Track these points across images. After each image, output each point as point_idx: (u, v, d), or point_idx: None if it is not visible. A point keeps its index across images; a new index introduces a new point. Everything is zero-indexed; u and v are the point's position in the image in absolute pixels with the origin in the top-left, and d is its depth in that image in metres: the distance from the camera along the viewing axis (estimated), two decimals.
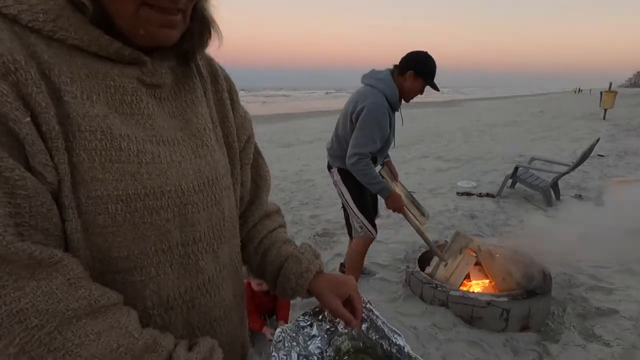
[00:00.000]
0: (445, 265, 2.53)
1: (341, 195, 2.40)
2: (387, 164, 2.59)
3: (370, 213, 2.42)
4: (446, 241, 2.94)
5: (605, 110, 13.68)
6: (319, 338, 0.79)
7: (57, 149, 0.43)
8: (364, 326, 0.82)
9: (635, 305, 2.30)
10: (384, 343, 0.78)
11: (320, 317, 0.86)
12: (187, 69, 0.59)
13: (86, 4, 0.44)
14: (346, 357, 0.87)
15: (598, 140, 4.67)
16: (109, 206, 0.45)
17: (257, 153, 0.77)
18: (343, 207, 2.56)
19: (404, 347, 0.73)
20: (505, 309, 2.15)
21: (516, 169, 4.70)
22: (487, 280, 2.47)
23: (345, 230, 3.71)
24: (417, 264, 2.68)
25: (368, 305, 0.83)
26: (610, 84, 14.20)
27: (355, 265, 2.49)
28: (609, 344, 2.02)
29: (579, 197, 4.74)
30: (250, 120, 0.73)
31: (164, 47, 0.53)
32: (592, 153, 4.66)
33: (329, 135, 2.56)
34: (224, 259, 0.62)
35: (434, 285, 2.39)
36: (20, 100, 0.40)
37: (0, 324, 0.37)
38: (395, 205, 2.28)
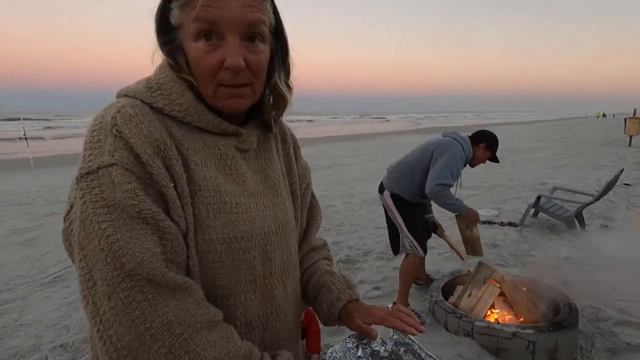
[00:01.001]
0: (470, 295, 2.57)
1: (394, 218, 2.72)
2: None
3: (421, 235, 2.71)
4: (469, 271, 2.98)
5: (631, 137, 13.40)
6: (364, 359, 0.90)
7: (186, 204, 0.58)
8: (401, 349, 0.93)
9: None
10: None
11: (364, 340, 0.97)
12: (270, 133, 0.75)
13: (192, 93, 0.62)
14: None
15: (622, 170, 4.64)
16: (217, 246, 0.60)
17: (313, 197, 0.91)
18: (389, 228, 2.87)
19: None
20: (532, 341, 2.16)
21: (538, 198, 4.70)
22: (512, 312, 2.48)
23: (368, 258, 3.79)
24: (440, 293, 2.72)
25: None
26: (635, 110, 13.97)
27: (407, 276, 2.77)
28: None
29: (605, 227, 4.66)
30: (309, 170, 0.88)
31: (250, 119, 0.70)
32: (617, 182, 4.62)
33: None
34: (290, 289, 0.75)
35: (459, 315, 2.42)
36: (167, 171, 0.56)
37: (156, 331, 0.51)
38: (472, 219, 2.72)
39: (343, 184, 7.89)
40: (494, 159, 2.78)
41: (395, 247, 2.84)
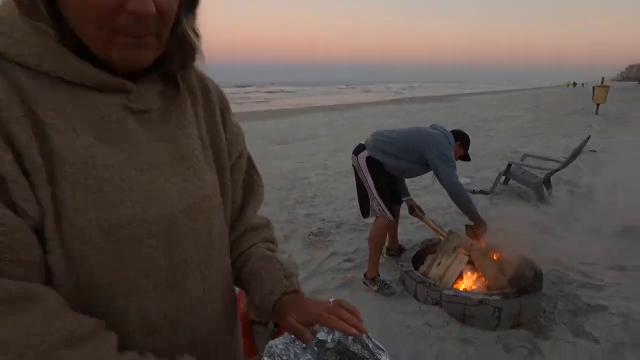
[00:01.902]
0: (439, 265, 2.57)
1: (364, 179, 2.72)
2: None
3: (389, 198, 2.71)
4: (440, 239, 2.98)
5: (598, 105, 13.80)
6: (309, 352, 0.81)
7: (40, 183, 0.43)
8: (349, 339, 0.84)
9: (624, 301, 2.35)
10: (369, 357, 0.80)
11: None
12: (178, 90, 0.59)
13: (49, 32, 0.45)
14: None
15: (589, 137, 4.73)
16: (92, 235, 0.46)
17: (251, 167, 0.77)
18: (358, 192, 2.86)
19: None
20: (498, 307, 2.19)
21: (509, 165, 4.75)
22: (480, 279, 2.50)
23: (341, 230, 3.75)
24: (410, 263, 2.71)
25: None
26: (603, 78, 14.31)
27: (376, 242, 2.74)
28: (597, 340, 2.06)
29: (571, 193, 4.79)
30: (242, 135, 0.73)
31: (150, 72, 0.54)
32: (584, 149, 4.71)
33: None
34: (214, 279, 0.62)
35: (428, 284, 2.42)
36: (3, 139, 0.41)
37: None
38: (482, 229, 2.69)
39: (317, 156, 7.77)
40: (466, 157, 2.94)
41: (365, 210, 2.82)
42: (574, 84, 53.19)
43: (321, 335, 0.81)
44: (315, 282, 2.82)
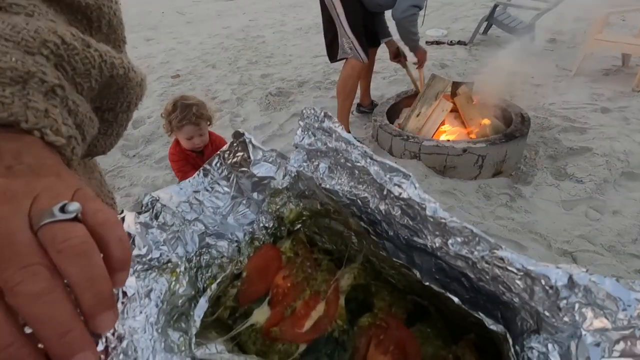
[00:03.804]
0: (418, 115, 2.22)
1: (332, 9, 2.16)
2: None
3: (362, 36, 2.19)
4: (417, 91, 2.59)
5: None
6: (244, 205, 0.42)
7: None
8: (321, 167, 0.46)
9: (608, 141, 2.20)
10: (368, 197, 0.42)
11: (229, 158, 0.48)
12: None
13: None
14: (299, 225, 0.52)
15: None
16: None
17: None
18: (325, 30, 2.33)
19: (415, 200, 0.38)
20: (482, 155, 1.96)
21: (494, 7, 4.13)
22: (463, 128, 2.22)
23: (304, 89, 3.24)
24: (385, 117, 2.35)
25: (327, 122, 0.46)
26: None
27: (345, 90, 2.30)
28: (581, 180, 1.94)
29: (553, 41, 4.39)
30: None
31: None
32: None
33: None
34: None
35: (405, 137, 2.10)
36: None
37: None
38: (424, 56, 2.45)
39: (273, 11, 6.58)
40: None
41: (333, 51, 2.30)
42: None
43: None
44: (276, 144, 2.45)
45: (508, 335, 0.31)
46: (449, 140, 2.10)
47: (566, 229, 1.70)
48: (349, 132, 2.40)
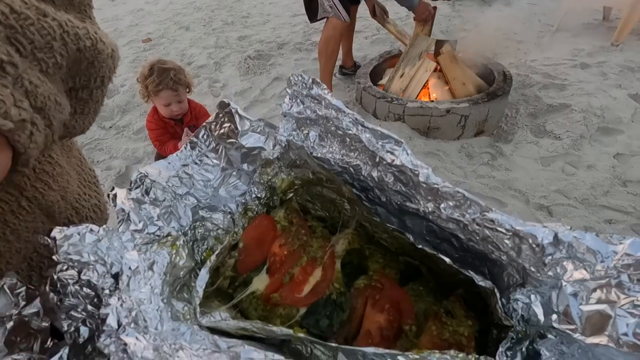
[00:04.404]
0: (402, 76, 2.19)
1: None
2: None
3: None
4: (400, 51, 2.54)
5: None
6: (234, 177, 0.42)
7: None
8: (312, 136, 0.45)
9: (586, 97, 2.24)
10: (360, 164, 0.43)
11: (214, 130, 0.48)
12: None
13: None
14: (291, 194, 0.53)
15: None
16: None
17: None
18: None
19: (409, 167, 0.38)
20: (464, 116, 1.97)
21: None
22: (447, 88, 2.21)
23: (284, 52, 3.12)
24: (368, 78, 2.31)
25: (316, 89, 0.45)
26: None
27: (327, 52, 2.22)
28: (559, 137, 2.00)
29: None
30: None
31: None
32: None
33: None
34: None
35: (389, 99, 2.09)
36: None
37: None
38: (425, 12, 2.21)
39: None
40: None
41: (312, 11, 2.21)
42: None
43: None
44: (259, 111, 2.39)
45: (496, 290, 0.34)
46: (432, 101, 2.10)
47: (543, 185, 1.77)
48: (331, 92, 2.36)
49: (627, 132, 1.99)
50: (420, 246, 0.37)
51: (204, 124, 0.53)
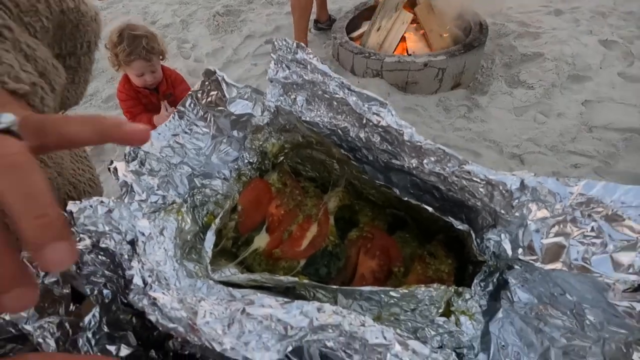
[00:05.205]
0: (379, 29, 2.15)
1: None
2: None
3: None
4: (377, 1, 2.46)
5: None
6: (225, 144, 0.44)
7: None
8: (299, 99, 0.47)
9: (559, 45, 2.28)
10: (348, 126, 0.45)
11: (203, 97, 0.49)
12: None
13: None
14: (282, 158, 0.55)
15: None
16: None
17: None
18: None
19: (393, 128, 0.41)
20: (442, 69, 1.99)
21: None
22: (424, 40, 2.20)
23: (254, 6, 2.97)
24: (345, 33, 2.26)
25: (301, 54, 0.46)
26: None
27: (300, 4, 2.13)
28: (532, 86, 2.06)
29: None
30: None
31: None
32: None
33: None
34: None
35: (367, 54, 2.06)
36: None
37: None
38: None
39: None
40: None
41: None
42: None
43: None
44: (233, 72, 2.32)
45: (471, 232, 0.39)
46: (409, 55, 2.09)
47: (516, 134, 1.85)
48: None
49: (595, 79, 2.06)
50: (405, 199, 0.42)
51: (190, 92, 0.54)
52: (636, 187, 0.33)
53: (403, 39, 2.17)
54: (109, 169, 0.42)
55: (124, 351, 0.33)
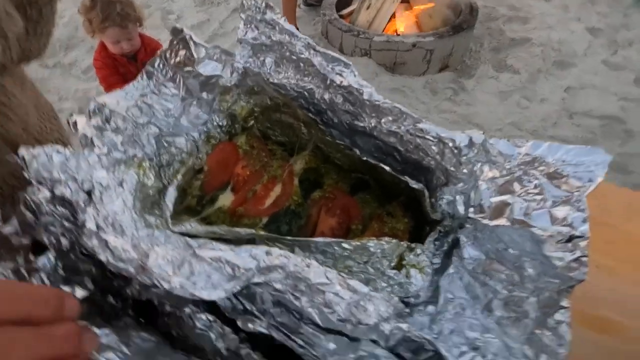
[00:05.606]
0: (368, 7, 2.12)
1: None
2: None
3: None
4: None
5: None
6: (195, 106, 0.45)
7: None
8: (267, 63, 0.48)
9: (547, 31, 2.29)
10: (314, 88, 0.46)
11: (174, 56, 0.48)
12: None
13: None
14: (252, 122, 0.55)
15: None
16: None
17: None
18: None
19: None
20: (430, 50, 1.98)
21: None
22: (414, 21, 2.18)
23: None
24: (334, 10, 2.22)
25: (270, 14, 0.46)
26: None
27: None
28: (518, 71, 2.07)
29: None
30: None
31: None
32: None
33: None
34: None
35: (356, 32, 2.04)
36: None
37: None
38: None
39: None
40: None
41: None
42: None
43: None
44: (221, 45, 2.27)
45: (425, 190, 0.40)
46: (398, 35, 2.07)
47: (500, 118, 1.87)
48: (298, 29, 2.27)
49: (579, 65, 2.08)
50: (364, 158, 0.43)
51: (159, 51, 0.53)
52: (578, 146, 0.35)
53: (393, 18, 2.15)
54: (67, 121, 0.42)
55: (79, 293, 0.34)
